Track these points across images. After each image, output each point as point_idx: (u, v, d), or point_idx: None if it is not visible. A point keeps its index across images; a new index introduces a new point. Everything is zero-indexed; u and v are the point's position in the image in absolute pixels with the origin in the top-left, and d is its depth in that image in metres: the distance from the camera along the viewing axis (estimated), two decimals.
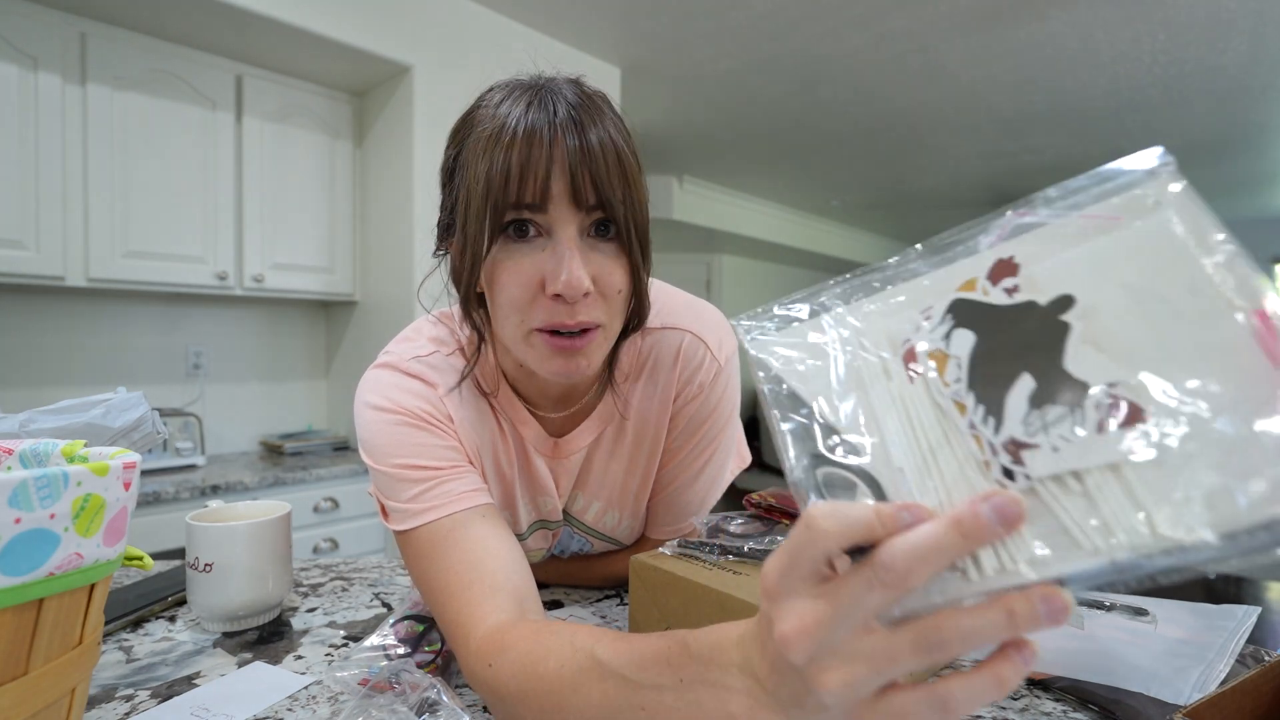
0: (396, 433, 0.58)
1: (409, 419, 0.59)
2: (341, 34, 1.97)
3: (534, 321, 0.52)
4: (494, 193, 0.50)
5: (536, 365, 0.55)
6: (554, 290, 0.50)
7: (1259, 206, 5.57)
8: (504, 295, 0.53)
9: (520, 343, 0.54)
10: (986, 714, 0.50)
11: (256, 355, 2.41)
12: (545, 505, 0.68)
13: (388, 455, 0.58)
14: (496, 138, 0.51)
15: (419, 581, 0.56)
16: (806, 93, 3.14)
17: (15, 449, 0.41)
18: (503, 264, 0.52)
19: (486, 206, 0.51)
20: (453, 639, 0.52)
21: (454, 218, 0.56)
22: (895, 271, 0.32)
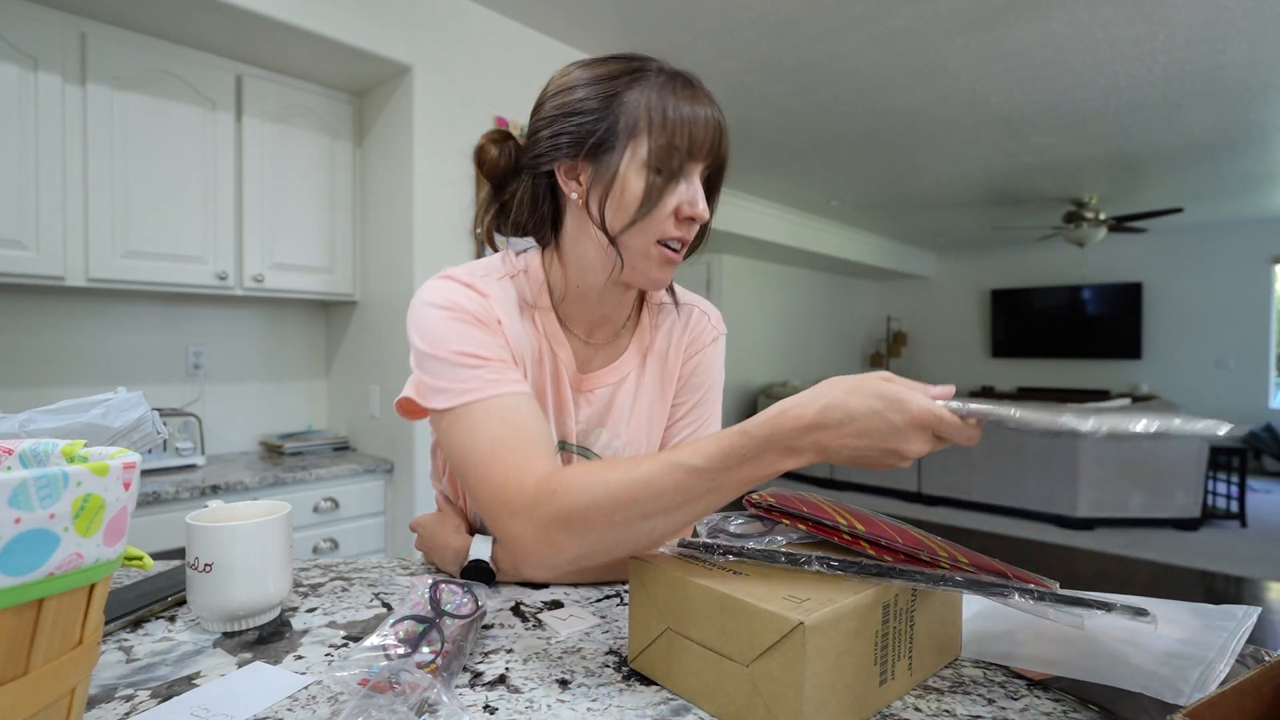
0: (456, 326, 0.67)
1: (466, 317, 0.68)
2: (341, 34, 1.97)
3: (664, 235, 0.68)
4: (687, 142, 0.66)
5: (645, 271, 0.70)
6: (689, 214, 0.67)
7: (1259, 206, 5.57)
8: (654, 213, 0.67)
9: (640, 252, 0.68)
10: (987, 714, 0.50)
11: (256, 355, 2.41)
12: (565, 425, 0.76)
13: (446, 343, 0.66)
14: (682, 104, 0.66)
15: (464, 448, 0.63)
16: (806, 93, 3.14)
17: (15, 449, 0.41)
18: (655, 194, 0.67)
19: (683, 151, 0.66)
20: (505, 489, 0.58)
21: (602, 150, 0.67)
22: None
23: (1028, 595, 0.49)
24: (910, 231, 6.79)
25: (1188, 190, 4.98)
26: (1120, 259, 7.01)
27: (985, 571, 0.52)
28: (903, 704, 0.51)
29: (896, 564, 0.52)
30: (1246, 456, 4.58)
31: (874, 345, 8.74)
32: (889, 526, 0.58)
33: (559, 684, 0.54)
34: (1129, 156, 4.11)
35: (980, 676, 0.56)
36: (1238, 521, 4.55)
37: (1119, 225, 5.31)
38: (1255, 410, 6.29)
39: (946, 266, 8.34)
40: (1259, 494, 5.48)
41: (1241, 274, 6.38)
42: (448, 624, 0.56)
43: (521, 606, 0.71)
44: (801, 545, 0.58)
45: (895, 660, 0.51)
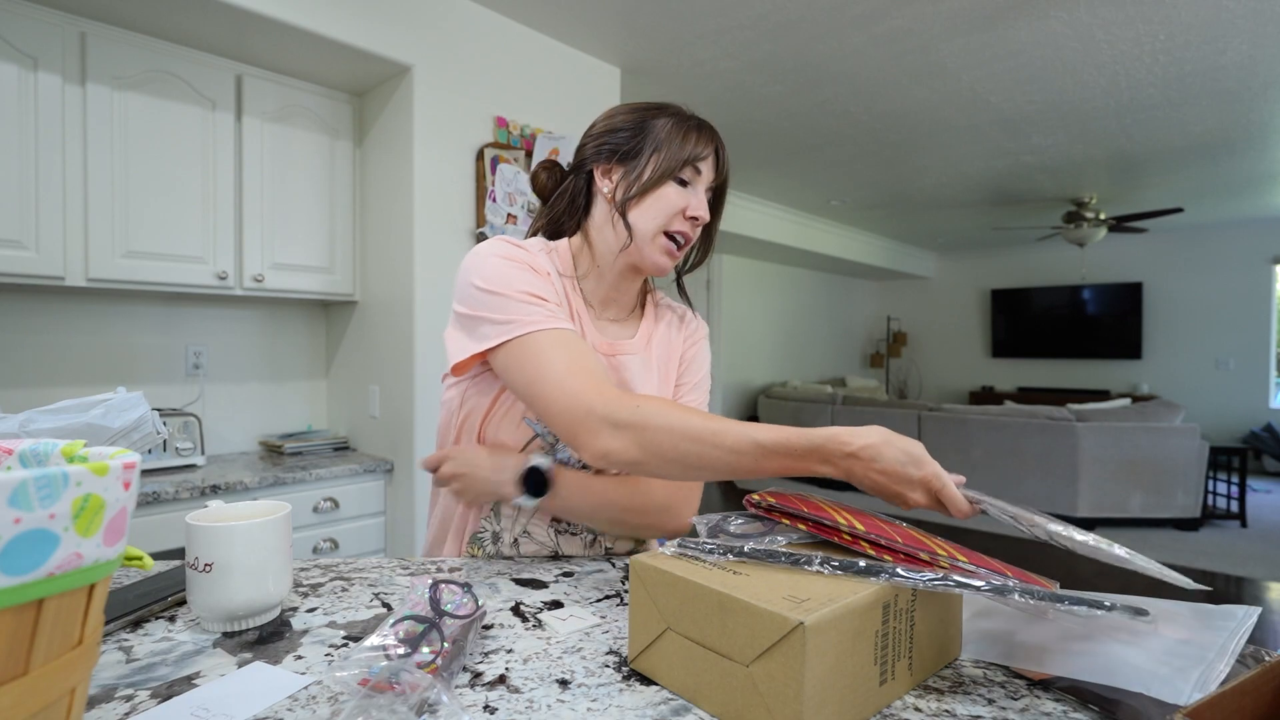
0: (521, 271, 0.80)
1: (525, 266, 0.81)
2: (341, 34, 1.97)
3: (671, 227, 0.85)
4: (689, 155, 0.84)
5: (650, 256, 0.86)
6: (692, 214, 0.85)
7: (1259, 206, 5.57)
8: (661, 209, 0.84)
9: (649, 240, 0.85)
10: (987, 714, 0.50)
11: (256, 355, 2.41)
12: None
13: (511, 283, 0.79)
14: (690, 131, 0.86)
15: (536, 370, 0.74)
16: (806, 93, 3.14)
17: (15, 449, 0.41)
18: (668, 194, 0.84)
19: (681, 160, 0.84)
20: (584, 397, 0.70)
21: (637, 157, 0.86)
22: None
23: (1028, 595, 0.49)
24: (910, 231, 6.79)
25: (1188, 190, 4.98)
26: (1120, 259, 7.01)
27: (985, 571, 0.52)
28: (903, 704, 0.51)
29: (896, 564, 0.52)
30: (1246, 456, 4.58)
31: (874, 345, 8.74)
32: (889, 526, 0.58)
33: (559, 684, 0.54)
34: (1129, 156, 4.11)
35: (980, 676, 0.56)
36: (1238, 521, 4.55)
37: (1119, 225, 5.31)
38: (1255, 410, 6.30)
39: (946, 266, 8.33)
40: (1259, 494, 5.48)
41: (1241, 274, 6.38)
42: (448, 624, 0.56)
43: (521, 606, 0.71)
44: (801, 545, 0.58)
45: (895, 660, 0.51)
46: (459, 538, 0.91)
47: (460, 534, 0.91)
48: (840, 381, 7.52)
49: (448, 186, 2.22)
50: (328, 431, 2.52)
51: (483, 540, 0.90)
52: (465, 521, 0.91)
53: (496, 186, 2.31)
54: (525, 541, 0.89)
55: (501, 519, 0.89)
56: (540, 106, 2.50)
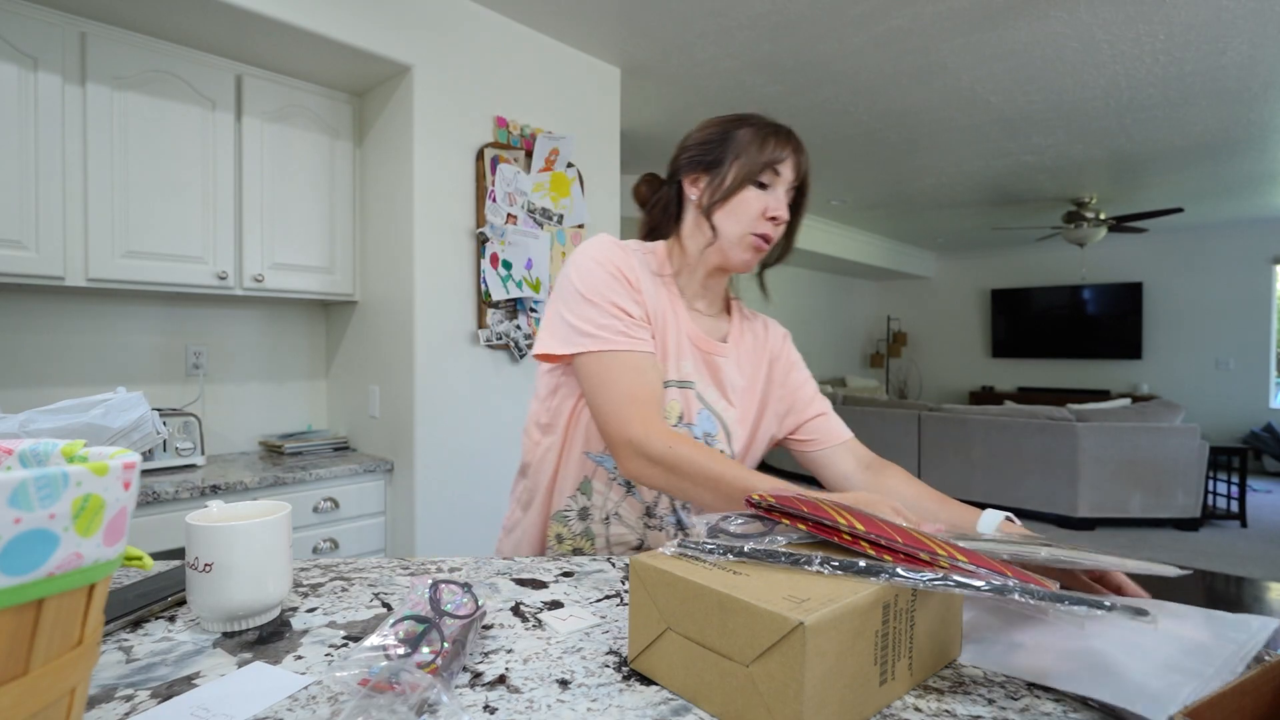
0: (612, 281, 0.89)
1: (619, 277, 0.90)
2: (341, 34, 1.97)
3: (755, 229, 0.92)
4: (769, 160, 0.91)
5: (738, 254, 0.94)
6: (772, 214, 0.92)
7: (1259, 206, 5.57)
8: (744, 212, 0.92)
9: (736, 240, 0.93)
10: (987, 714, 0.50)
11: (256, 355, 2.41)
12: (680, 366, 0.94)
13: (604, 294, 0.88)
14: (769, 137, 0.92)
15: (603, 387, 0.84)
16: (806, 93, 3.14)
17: (15, 449, 0.41)
18: (748, 197, 0.92)
19: (761, 165, 0.91)
20: (632, 422, 0.80)
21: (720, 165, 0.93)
22: None
23: (1028, 595, 0.49)
24: (910, 231, 6.79)
25: (1188, 190, 4.98)
26: (1120, 259, 7.01)
27: (985, 571, 0.52)
28: (903, 704, 0.51)
29: (896, 564, 0.52)
30: (1246, 456, 4.58)
31: (874, 345, 8.74)
32: (889, 526, 0.58)
33: (559, 684, 0.54)
34: (1129, 156, 4.11)
35: (980, 676, 0.56)
36: (1238, 522, 4.55)
37: (1119, 225, 5.31)
38: (1255, 410, 6.30)
39: (946, 266, 8.33)
40: (1259, 494, 5.48)
41: (1241, 274, 6.38)
42: (448, 624, 0.56)
43: (521, 606, 0.71)
44: (801, 545, 0.58)
45: (895, 660, 0.51)
46: (544, 512, 0.96)
47: (545, 511, 0.96)
48: (840, 381, 7.52)
49: (448, 186, 2.22)
50: (328, 431, 2.52)
51: (568, 518, 0.95)
52: (550, 499, 0.96)
53: (496, 186, 2.31)
54: (615, 522, 0.94)
55: (593, 494, 0.94)
56: (540, 106, 2.50)
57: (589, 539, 0.95)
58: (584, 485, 0.94)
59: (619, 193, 2.84)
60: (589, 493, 0.94)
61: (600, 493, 0.94)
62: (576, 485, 0.94)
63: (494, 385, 2.35)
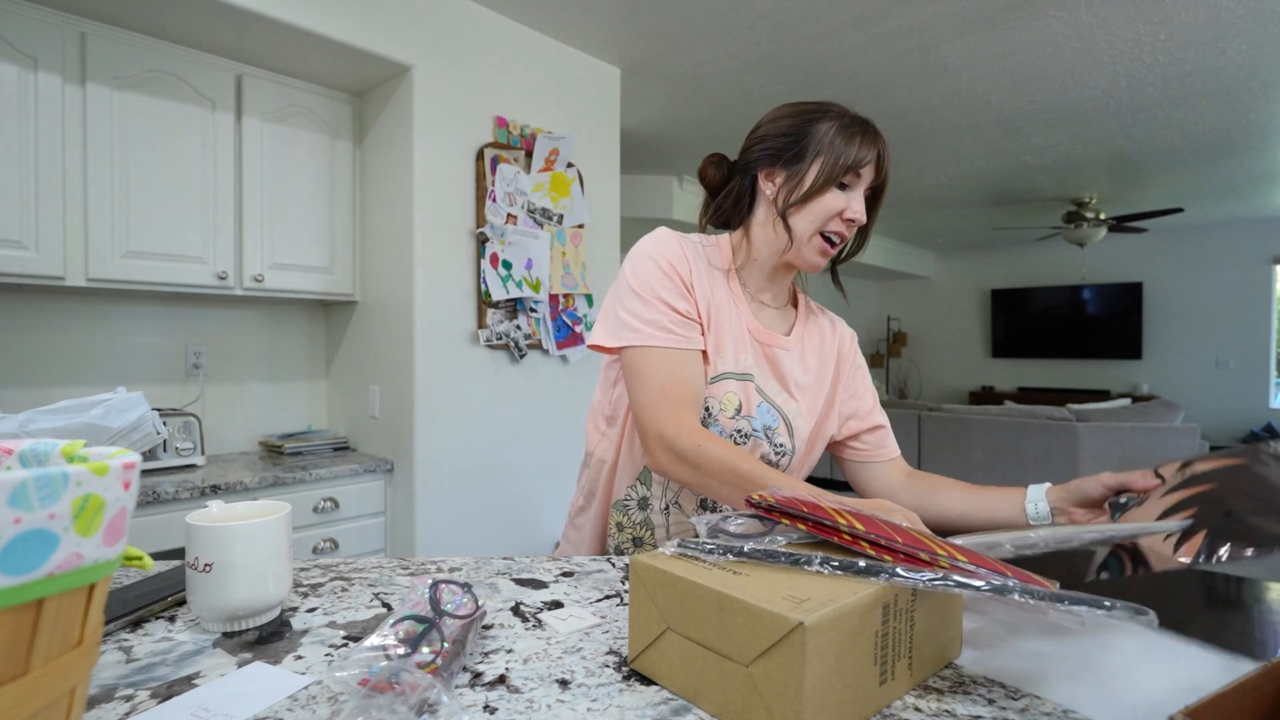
0: (662, 277, 0.89)
1: (671, 273, 0.89)
2: (341, 34, 1.97)
3: (825, 228, 0.90)
4: (852, 163, 0.87)
5: (806, 256, 0.92)
6: (849, 217, 0.89)
7: (1259, 206, 5.57)
8: (819, 212, 0.89)
9: (805, 240, 0.91)
10: (987, 714, 0.50)
11: (256, 355, 2.41)
12: (740, 359, 0.93)
13: (654, 289, 0.88)
14: (854, 135, 0.88)
15: (641, 380, 0.85)
16: (806, 93, 3.14)
17: (15, 449, 0.41)
18: (827, 197, 0.89)
19: (844, 167, 0.87)
20: (663, 417, 0.82)
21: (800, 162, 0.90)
22: None
23: (1028, 595, 0.49)
24: (910, 231, 6.78)
25: (1188, 190, 4.98)
26: (1120, 259, 7.01)
27: (985, 571, 0.52)
28: (903, 704, 0.51)
29: (896, 564, 0.52)
30: None
31: (874, 345, 8.74)
32: (889, 527, 0.58)
33: (559, 684, 0.54)
34: (1129, 156, 4.11)
35: (980, 676, 0.56)
36: None
37: (1119, 225, 5.31)
38: (1255, 410, 6.29)
39: (946, 266, 8.33)
40: None
41: (1241, 274, 6.38)
42: (448, 624, 0.56)
43: (521, 606, 0.71)
44: (801, 545, 0.58)
45: (895, 660, 0.51)
46: (605, 501, 0.97)
47: (606, 499, 0.97)
48: None
49: (448, 186, 2.22)
50: (328, 431, 2.52)
51: (628, 507, 0.96)
52: (611, 488, 0.97)
53: (496, 186, 2.31)
54: (675, 511, 0.94)
55: (653, 484, 0.94)
56: (540, 106, 2.50)
57: (649, 529, 0.95)
58: (643, 475, 0.95)
59: (619, 193, 2.84)
60: (648, 483, 0.94)
61: (659, 483, 0.94)
62: (636, 475, 0.95)
63: (494, 385, 2.35)
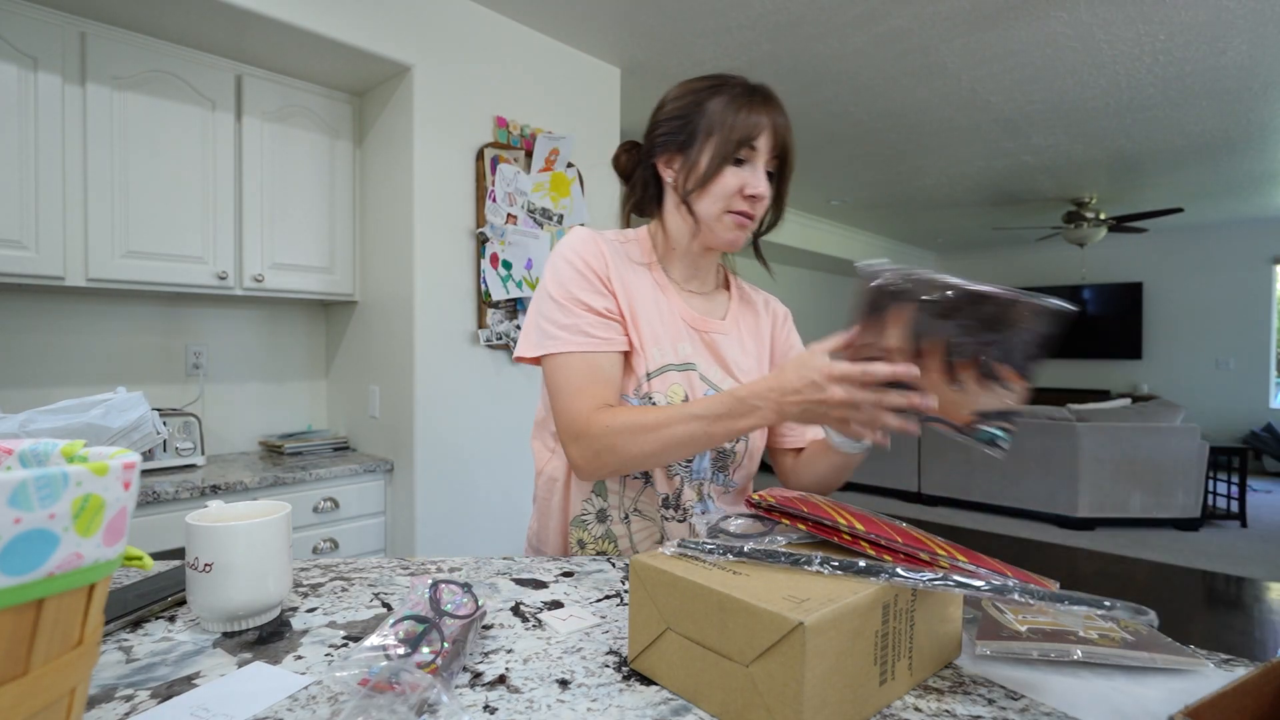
0: (578, 278, 0.87)
1: (587, 272, 0.88)
2: (341, 34, 1.97)
3: (731, 207, 0.87)
4: (741, 137, 0.85)
5: (722, 234, 0.89)
6: (750, 193, 0.86)
7: (1259, 206, 5.57)
8: (719, 190, 0.86)
9: (715, 219, 0.88)
10: (987, 714, 0.50)
11: (256, 355, 2.41)
12: (678, 349, 0.92)
13: (570, 292, 0.86)
14: (742, 106, 0.85)
15: (555, 386, 0.85)
16: (806, 93, 3.14)
17: (15, 449, 0.41)
18: (725, 175, 0.86)
19: (734, 143, 0.85)
20: (573, 415, 0.81)
21: (690, 144, 0.88)
22: None
23: (1028, 595, 0.49)
24: (910, 231, 6.78)
25: (1188, 190, 4.98)
26: (1120, 259, 7.01)
27: (985, 571, 0.52)
28: (903, 704, 0.51)
29: (896, 564, 0.52)
30: (1247, 456, 4.58)
31: None
32: (889, 526, 0.58)
33: (559, 684, 0.54)
34: (1129, 156, 4.11)
35: (980, 676, 0.56)
36: (1238, 522, 4.55)
37: (1119, 225, 5.31)
38: (1255, 410, 6.29)
39: (946, 266, 8.33)
40: (1259, 494, 5.48)
41: (1241, 274, 6.38)
42: (448, 624, 0.56)
43: (521, 606, 0.71)
44: (801, 545, 0.58)
45: (895, 660, 0.51)
46: (562, 519, 0.94)
47: (564, 517, 0.94)
48: None
49: (448, 186, 2.22)
50: (328, 431, 2.52)
51: (586, 522, 0.93)
52: (567, 505, 0.94)
53: (496, 186, 2.31)
54: (636, 518, 0.92)
55: (609, 494, 0.92)
56: (540, 106, 2.50)
57: (611, 540, 0.92)
58: (598, 487, 0.92)
59: (619, 193, 2.83)
60: (604, 494, 0.92)
61: (615, 492, 0.92)
62: (590, 488, 0.92)
63: (494, 385, 2.35)
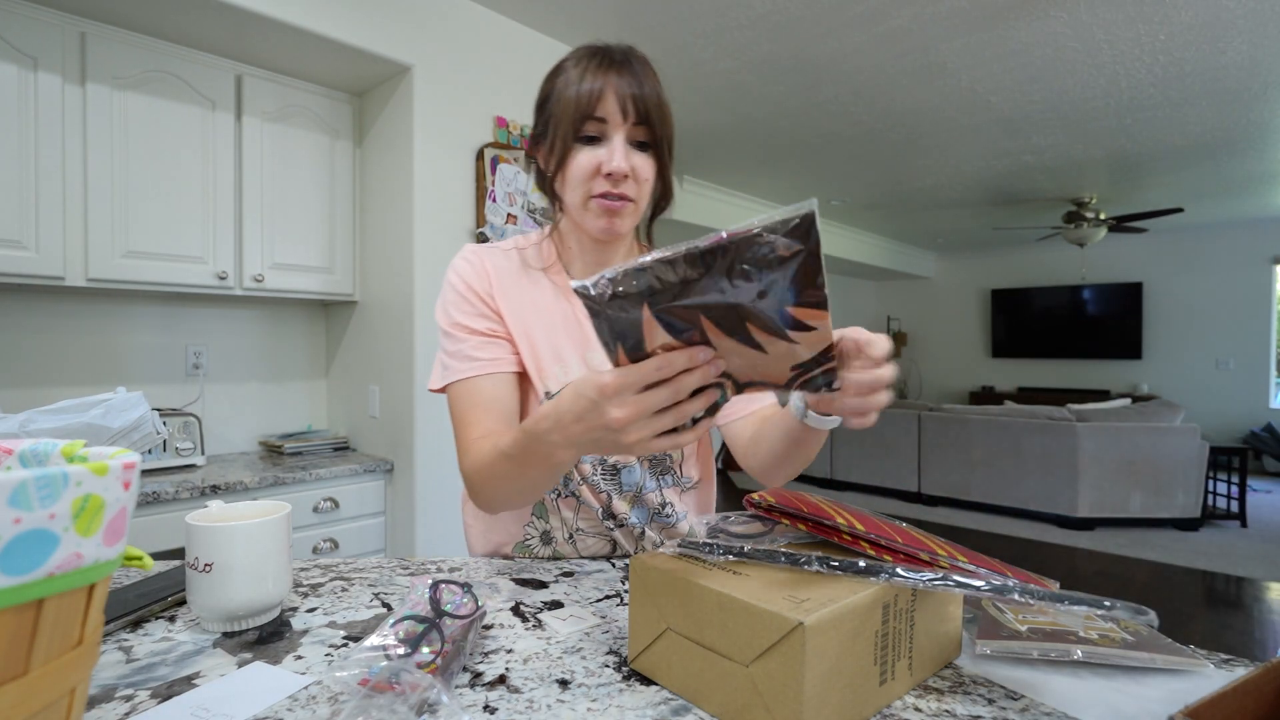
0: (460, 301, 0.83)
1: (468, 294, 0.83)
2: (341, 34, 1.97)
3: (593, 191, 0.77)
4: (579, 111, 0.75)
5: (590, 223, 0.79)
6: (607, 170, 0.75)
7: (1259, 206, 5.57)
8: (574, 175, 0.77)
9: (580, 207, 0.79)
10: (987, 714, 0.50)
11: (256, 355, 2.41)
12: (591, 360, 0.86)
13: (454, 318, 0.83)
14: (580, 77, 0.76)
15: (455, 416, 0.81)
16: (806, 93, 3.14)
17: (15, 449, 0.41)
18: (576, 157, 0.77)
19: (572, 120, 0.76)
20: (459, 449, 0.78)
21: (546, 132, 0.80)
22: None
23: (1028, 595, 0.49)
24: (910, 231, 6.78)
25: (1188, 190, 4.98)
26: (1120, 259, 7.01)
27: (985, 571, 0.52)
28: (903, 704, 0.51)
29: (896, 564, 0.52)
30: (1247, 457, 4.58)
31: None
32: (889, 526, 0.58)
33: (559, 684, 0.54)
34: (1129, 156, 4.11)
35: (980, 676, 0.56)
36: (1238, 522, 4.55)
37: (1119, 225, 5.31)
38: (1255, 410, 6.29)
39: (946, 266, 8.33)
40: (1259, 494, 5.48)
41: (1241, 274, 6.38)
42: (448, 624, 0.56)
43: (521, 606, 0.71)
44: (801, 545, 0.58)
45: (895, 660, 0.51)
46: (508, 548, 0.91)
47: (508, 545, 0.91)
48: None
49: (448, 186, 2.22)
50: (328, 431, 2.52)
51: (530, 546, 0.90)
52: (508, 532, 0.90)
53: (496, 186, 2.31)
54: (581, 537, 0.89)
55: (549, 516, 0.89)
56: None
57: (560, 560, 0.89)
58: (537, 509, 0.89)
59: None
60: (544, 515, 0.89)
61: (554, 512, 0.88)
62: (531, 511, 0.89)
63: None
